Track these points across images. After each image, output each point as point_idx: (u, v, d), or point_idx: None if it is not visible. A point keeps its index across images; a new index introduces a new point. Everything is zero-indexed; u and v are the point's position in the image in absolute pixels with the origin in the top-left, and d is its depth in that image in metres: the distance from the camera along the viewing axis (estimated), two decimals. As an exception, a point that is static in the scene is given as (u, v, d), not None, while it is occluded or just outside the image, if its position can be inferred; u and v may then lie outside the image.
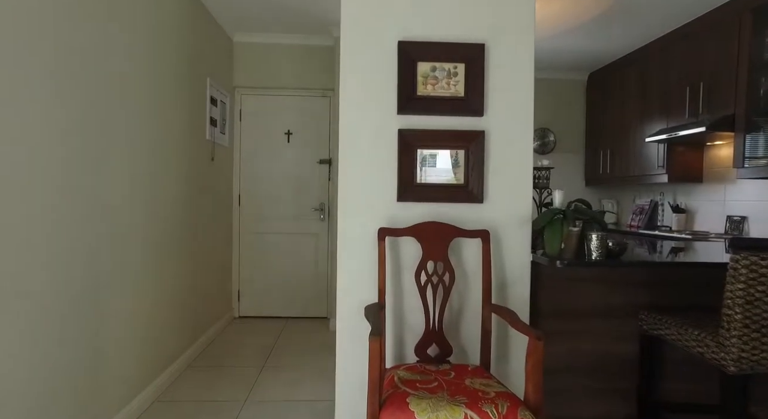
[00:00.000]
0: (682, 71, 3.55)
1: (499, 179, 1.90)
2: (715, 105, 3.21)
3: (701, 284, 2.02)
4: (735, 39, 3.05)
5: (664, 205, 4.17)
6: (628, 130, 4.27)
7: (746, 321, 1.50)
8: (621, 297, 1.98)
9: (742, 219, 3.32)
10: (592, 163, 4.93)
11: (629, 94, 4.25)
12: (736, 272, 1.49)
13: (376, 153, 1.88)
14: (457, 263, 1.89)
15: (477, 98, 1.85)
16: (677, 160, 3.72)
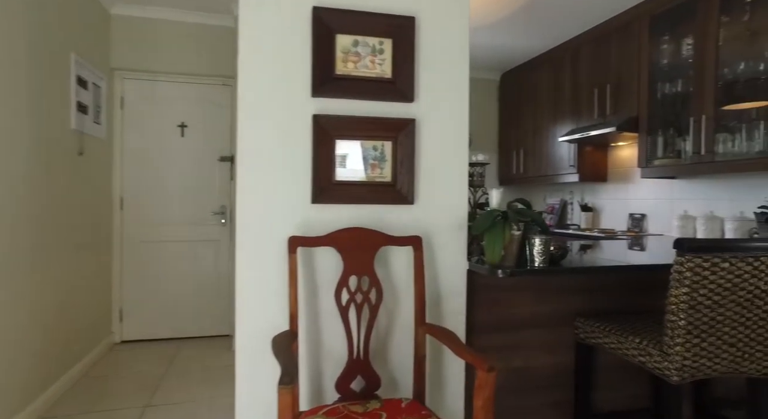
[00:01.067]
0: (590, 73, 3.64)
1: (432, 176, 1.64)
2: (621, 107, 3.30)
3: (640, 287, 1.95)
4: (636, 44, 3.15)
5: (573, 204, 4.30)
6: (540, 130, 4.34)
7: (689, 327, 1.40)
8: (558, 305, 1.84)
9: (643, 217, 3.46)
10: (506, 163, 4.97)
11: (541, 94, 4.32)
12: (681, 276, 1.38)
13: (284, 145, 1.52)
14: (385, 277, 1.60)
15: (406, 81, 1.57)
16: (586, 160, 3.82)
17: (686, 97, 2.82)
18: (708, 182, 2.93)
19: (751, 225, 2.53)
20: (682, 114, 2.84)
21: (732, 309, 1.42)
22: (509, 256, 1.56)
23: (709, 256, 1.37)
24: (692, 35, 2.77)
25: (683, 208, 3.08)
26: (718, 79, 2.59)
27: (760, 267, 1.42)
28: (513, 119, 4.84)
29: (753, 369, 1.49)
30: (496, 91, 5.15)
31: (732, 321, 1.43)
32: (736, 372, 1.47)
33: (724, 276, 1.39)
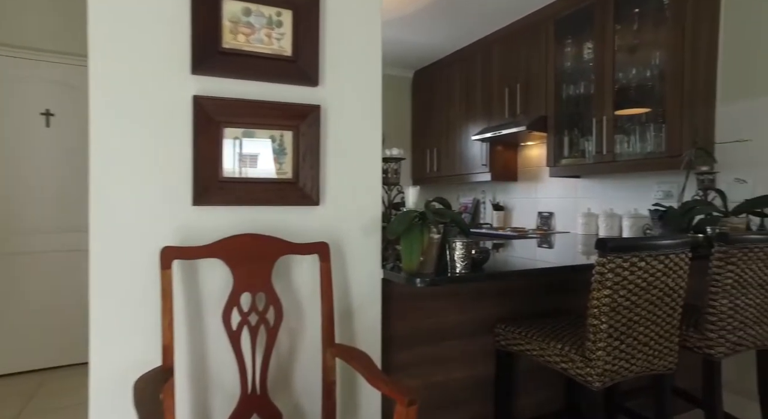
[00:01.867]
0: (501, 73, 3.68)
1: (341, 172, 1.43)
2: (530, 107, 3.36)
3: (559, 287, 1.91)
4: (543, 46, 3.23)
5: (485, 203, 4.35)
6: (453, 129, 4.33)
7: (610, 330, 1.35)
8: (480, 312, 1.73)
9: (551, 215, 3.58)
10: (420, 162, 4.93)
11: (454, 93, 4.32)
12: (603, 277, 1.32)
13: (155, 133, 1.21)
14: (286, 291, 1.36)
15: (310, 61, 1.34)
16: (498, 159, 3.87)
17: (589, 100, 2.92)
18: (607, 181, 3.07)
19: (645, 222, 2.66)
20: (585, 115, 2.94)
21: (646, 308, 1.40)
22: (428, 262, 1.40)
23: (629, 256, 1.33)
24: (592, 40, 2.87)
25: (587, 206, 3.21)
26: (615, 84, 2.70)
27: (669, 265, 1.41)
28: (426, 118, 4.81)
29: (662, 365, 1.48)
30: (409, 89, 5.09)
31: (646, 320, 1.41)
32: (647, 370, 1.45)
33: (641, 276, 1.36)
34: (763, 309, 1.73)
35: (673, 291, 1.44)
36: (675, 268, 1.42)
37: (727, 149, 2.31)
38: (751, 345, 1.71)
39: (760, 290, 1.70)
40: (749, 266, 1.65)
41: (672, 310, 1.45)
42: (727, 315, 1.62)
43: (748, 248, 1.63)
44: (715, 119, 2.39)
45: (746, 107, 2.27)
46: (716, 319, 1.61)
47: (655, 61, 2.54)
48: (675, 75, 2.36)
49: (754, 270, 1.67)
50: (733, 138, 2.29)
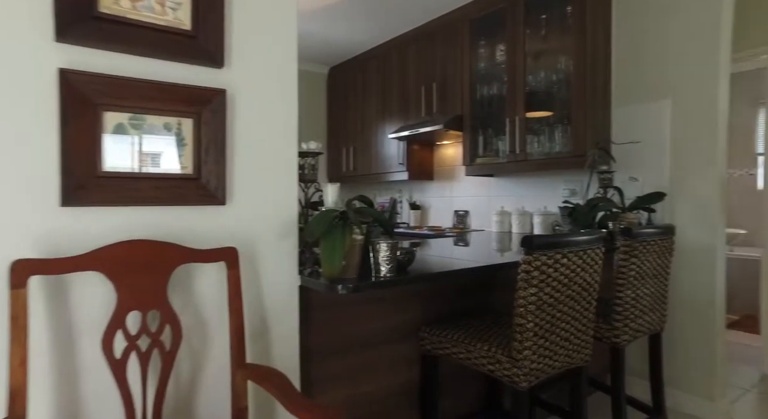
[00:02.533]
0: (418, 71, 3.68)
1: (252, 167, 1.26)
2: (447, 106, 3.40)
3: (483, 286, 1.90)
4: (459, 46, 3.28)
5: (402, 202, 4.35)
6: (370, 127, 4.27)
7: (536, 328, 1.35)
8: (405, 315, 1.65)
9: (466, 213, 3.65)
10: (336, 161, 4.80)
11: (370, 91, 4.25)
12: (529, 276, 1.31)
13: (2, 114, 0.96)
14: (187, 306, 1.17)
15: (213, 37, 1.16)
16: (414, 158, 3.87)
17: (502, 100, 3.01)
18: (519, 179, 3.19)
19: (554, 218, 2.80)
20: (499, 115, 3.02)
21: (567, 304, 1.42)
22: (351, 266, 1.29)
23: (552, 252, 1.33)
24: (504, 43, 2.96)
25: (500, 204, 3.31)
26: (526, 86, 2.80)
27: (587, 260, 1.45)
28: (342, 115, 4.69)
29: (579, 358, 1.52)
30: (324, 86, 4.94)
31: (566, 315, 1.43)
32: (567, 364, 1.48)
33: (564, 272, 1.37)
34: (655, 297, 1.87)
35: (589, 286, 1.48)
36: (591, 263, 1.45)
37: (622, 149, 2.49)
38: (646, 330, 1.83)
39: (654, 280, 1.84)
40: (647, 258, 1.76)
41: (588, 304, 1.49)
42: (630, 305, 1.71)
43: (647, 241, 1.74)
44: (611, 122, 2.58)
45: (636, 111, 2.46)
46: (622, 309, 1.70)
47: (561, 66, 2.67)
48: (578, 80, 2.50)
49: (650, 261, 1.79)
50: (627, 140, 2.48)
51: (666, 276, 1.90)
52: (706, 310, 2.23)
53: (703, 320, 2.24)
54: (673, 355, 2.34)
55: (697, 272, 2.25)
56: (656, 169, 2.38)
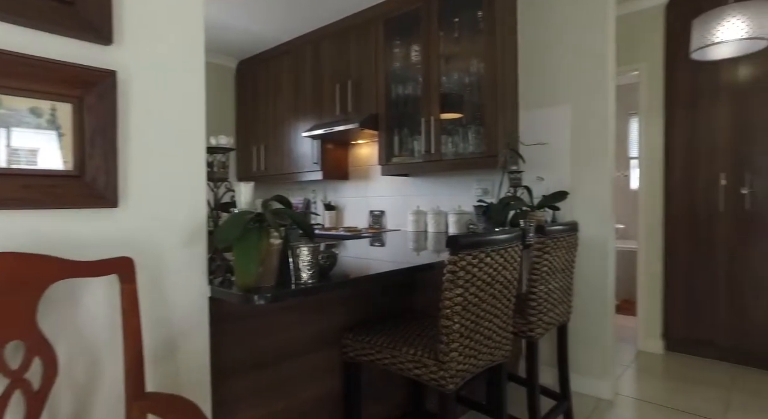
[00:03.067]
0: (332, 69, 3.59)
1: (151, 163, 1.09)
2: (362, 104, 3.35)
3: (407, 288, 1.86)
4: (373, 44, 3.25)
5: (316, 203, 4.22)
6: (282, 125, 4.08)
7: (462, 329, 1.34)
8: (326, 322, 1.56)
9: (382, 213, 3.65)
10: (246, 160, 4.54)
11: (282, 87, 4.07)
12: (455, 276, 1.30)
13: None
14: (68, 331, 0.97)
15: (98, 6, 0.97)
16: (329, 157, 3.78)
17: (417, 101, 3.03)
18: (434, 179, 3.25)
19: (468, 217, 2.89)
20: (414, 115, 3.05)
21: (489, 302, 1.43)
22: (268, 272, 1.17)
23: (477, 252, 1.33)
24: (419, 44, 2.99)
25: (416, 204, 3.35)
26: (440, 87, 2.85)
27: (507, 258, 1.48)
28: (252, 112, 4.44)
29: (500, 355, 1.55)
30: (233, 80, 4.64)
31: (489, 314, 1.44)
32: (489, 362, 1.50)
33: (487, 271, 1.38)
34: (563, 290, 1.99)
35: (509, 283, 1.51)
36: (511, 261, 1.49)
37: (530, 150, 2.64)
38: (556, 322, 1.94)
39: (562, 274, 1.95)
40: (557, 254, 1.87)
41: (508, 301, 1.53)
42: (543, 299, 1.80)
43: (557, 238, 1.84)
44: (519, 124, 2.72)
45: (542, 114, 2.63)
46: (536, 304, 1.78)
47: (473, 69, 2.76)
48: (490, 83, 2.60)
49: (560, 257, 1.90)
50: (534, 141, 2.63)
51: (572, 270, 2.03)
52: (600, 297, 2.44)
53: (599, 306, 2.44)
54: (574, 342, 2.52)
55: (594, 263, 2.45)
56: (559, 169, 2.55)
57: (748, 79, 2.86)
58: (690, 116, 3.06)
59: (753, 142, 2.84)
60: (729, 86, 2.92)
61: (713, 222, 2.97)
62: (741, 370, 2.81)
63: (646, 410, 2.29)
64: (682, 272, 3.10)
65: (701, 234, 3.02)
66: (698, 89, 3.03)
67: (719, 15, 2.24)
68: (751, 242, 2.85)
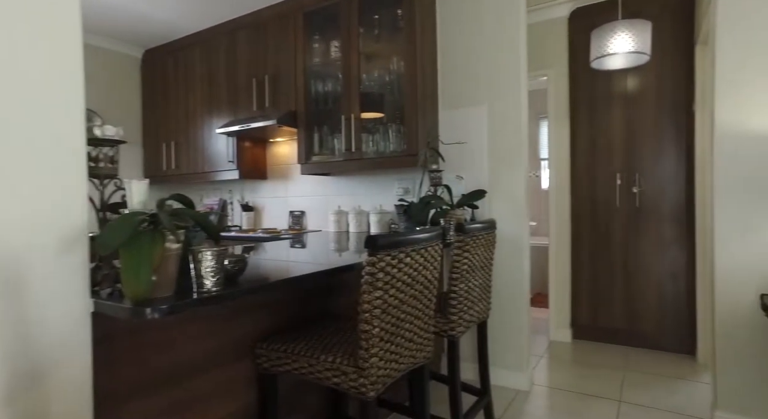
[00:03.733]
0: (249, 62, 3.40)
1: (8, 157, 0.90)
2: (280, 101, 3.21)
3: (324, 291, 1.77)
4: (292, 38, 3.12)
5: (233, 203, 3.99)
6: (195, 120, 3.80)
7: (382, 333, 1.29)
8: (236, 332, 1.43)
9: (302, 214, 3.53)
10: (154, 158, 4.16)
11: (194, 79, 3.78)
12: (374, 278, 1.24)
13: None
14: None
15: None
16: (246, 156, 3.58)
17: (337, 98, 2.96)
18: (355, 178, 3.20)
19: (390, 217, 2.87)
20: (334, 113, 2.97)
21: (410, 304, 1.40)
22: (165, 281, 1.03)
23: (396, 252, 1.28)
24: (339, 40, 2.92)
25: (337, 204, 3.27)
26: (360, 84, 2.80)
27: (428, 257, 1.45)
28: (162, 106, 4.08)
29: (422, 357, 1.53)
30: (138, 72, 4.23)
31: (410, 315, 1.41)
32: (411, 365, 1.47)
33: (407, 271, 1.34)
34: (483, 288, 2.03)
35: (430, 283, 1.49)
36: (431, 260, 1.47)
37: (449, 149, 2.68)
38: (476, 320, 1.97)
39: (482, 272, 1.99)
40: (477, 252, 1.89)
41: (429, 301, 1.50)
42: (464, 297, 1.81)
43: (476, 236, 1.87)
44: (439, 123, 2.75)
45: (460, 114, 2.68)
46: (456, 302, 1.78)
47: (393, 67, 2.75)
48: (410, 82, 2.60)
49: (479, 255, 1.92)
50: (453, 140, 2.67)
51: (491, 267, 2.07)
52: (517, 293, 2.53)
53: (516, 302, 2.54)
54: (494, 337, 2.60)
55: (510, 259, 2.54)
56: (478, 168, 2.62)
57: (635, 89, 3.15)
58: (591, 120, 3.31)
59: (641, 146, 3.13)
60: (621, 95, 3.20)
61: (611, 218, 3.24)
62: (634, 351, 3.08)
63: (558, 397, 2.41)
64: (586, 264, 3.34)
65: (601, 229, 3.27)
66: (597, 96, 3.28)
67: (611, 29, 2.43)
68: (640, 234, 3.13)
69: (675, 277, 3.03)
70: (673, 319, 3.05)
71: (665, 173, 3.06)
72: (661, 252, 3.07)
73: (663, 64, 3.05)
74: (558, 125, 3.38)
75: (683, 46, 2.98)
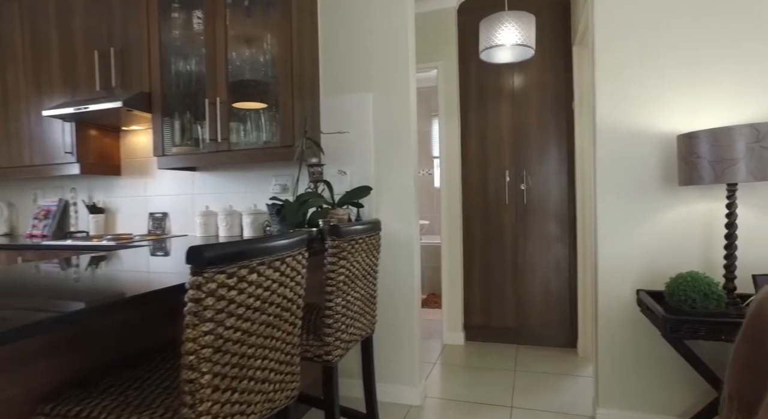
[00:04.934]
0: (89, 29, 2.76)
1: None
2: (131, 80, 2.64)
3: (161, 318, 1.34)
4: (144, 4, 2.58)
5: (77, 204, 3.27)
6: (17, 101, 3.02)
7: (216, 381, 0.93)
8: (15, 390, 0.97)
9: (164, 216, 2.98)
10: (-38, 146, 3.25)
11: (15, 47, 3.00)
12: (200, 305, 0.88)
13: None
14: None
15: None
16: (91, 147, 2.92)
17: (201, 79, 2.50)
18: (225, 174, 2.75)
19: (265, 218, 2.49)
20: (198, 96, 2.50)
21: (262, 334, 1.06)
22: None
23: (235, 267, 0.94)
24: (202, 10, 2.46)
25: (205, 203, 2.79)
26: (228, 64, 2.38)
27: (286, 271, 1.13)
28: (-31, 80, 3.20)
29: (285, 396, 1.20)
30: (-65, 33, 3.28)
31: (263, 348, 1.07)
32: (268, 410, 1.14)
33: (254, 292, 1.00)
34: (366, 300, 1.76)
35: (292, 303, 1.16)
36: (293, 274, 1.14)
37: (332, 142, 2.38)
38: (358, 337, 1.69)
39: (363, 281, 1.71)
40: (357, 259, 1.61)
41: (292, 326, 1.18)
42: (341, 314, 1.52)
43: (354, 239, 1.58)
44: (320, 112, 2.44)
45: (343, 101, 2.39)
46: (332, 321, 1.48)
47: (267, 47, 2.37)
48: (285, 62, 2.24)
49: (360, 262, 1.64)
50: (335, 130, 2.38)
51: (375, 275, 1.81)
52: (406, 300, 2.32)
53: (405, 310, 2.32)
54: (381, 349, 2.36)
55: (399, 263, 2.32)
56: (363, 162, 2.35)
57: (522, 86, 3.15)
58: (481, 117, 3.25)
59: (527, 143, 3.14)
60: (509, 91, 3.18)
61: (501, 215, 3.21)
62: (524, 350, 3.08)
63: (451, 410, 2.25)
64: (478, 263, 3.28)
65: (492, 227, 3.23)
66: (486, 91, 3.23)
67: (499, 19, 2.32)
68: (528, 232, 3.14)
69: (559, 273, 3.09)
70: (557, 315, 3.10)
71: (549, 170, 3.10)
72: (547, 249, 3.11)
73: (545, 62, 3.08)
74: (449, 120, 3.27)
75: (562, 45, 3.04)
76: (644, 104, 1.90)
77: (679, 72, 1.86)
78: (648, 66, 1.90)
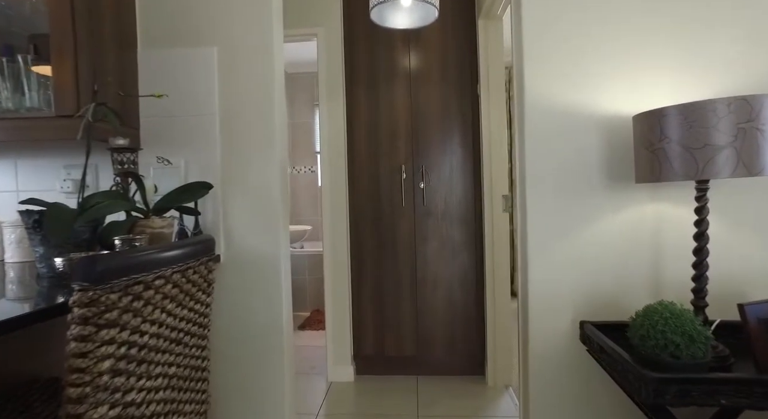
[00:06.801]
0: None
1: None
2: None
3: None
4: None
5: None
6: None
7: None
8: None
9: None
10: None
11: None
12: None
13: None
14: None
15: None
16: None
17: None
18: (-14, 164, 1.76)
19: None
20: None
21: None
22: None
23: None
24: None
25: (-60, 209, 1.75)
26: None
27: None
28: None
29: None
30: None
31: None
32: None
33: None
34: (182, 379, 1.02)
35: None
36: None
37: (152, 117, 1.58)
38: None
39: (175, 352, 0.99)
40: (154, 316, 0.87)
41: None
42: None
43: (147, 282, 0.84)
44: (137, 69, 1.61)
45: (171, 56, 1.60)
46: None
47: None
48: (66, -17, 1.38)
49: (163, 321, 0.91)
50: (151, 94, 1.58)
51: (202, 331, 1.08)
52: (270, 341, 1.61)
53: (268, 357, 1.62)
54: (236, 415, 1.63)
55: (258, 292, 1.60)
56: (204, 148, 1.59)
57: (421, 64, 2.64)
58: (371, 100, 2.66)
59: (427, 133, 2.64)
60: (405, 70, 2.64)
61: (397, 220, 2.66)
62: (426, 383, 2.56)
63: None
64: (370, 278, 2.68)
65: (387, 234, 2.66)
66: (378, 69, 2.65)
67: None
68: (428, 239, 2.64)
69: (465, 287, 2.63)
70: (463, 338, 2.64)
71: (453, 164, 2.63)
72: (452, 259, 2.63)
73: (447, 37, 2.61)
74: (332, 104, 2.63)
75: (466, 19, 2.59)
76: (585, 81, 1.46)
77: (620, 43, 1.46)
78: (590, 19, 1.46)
